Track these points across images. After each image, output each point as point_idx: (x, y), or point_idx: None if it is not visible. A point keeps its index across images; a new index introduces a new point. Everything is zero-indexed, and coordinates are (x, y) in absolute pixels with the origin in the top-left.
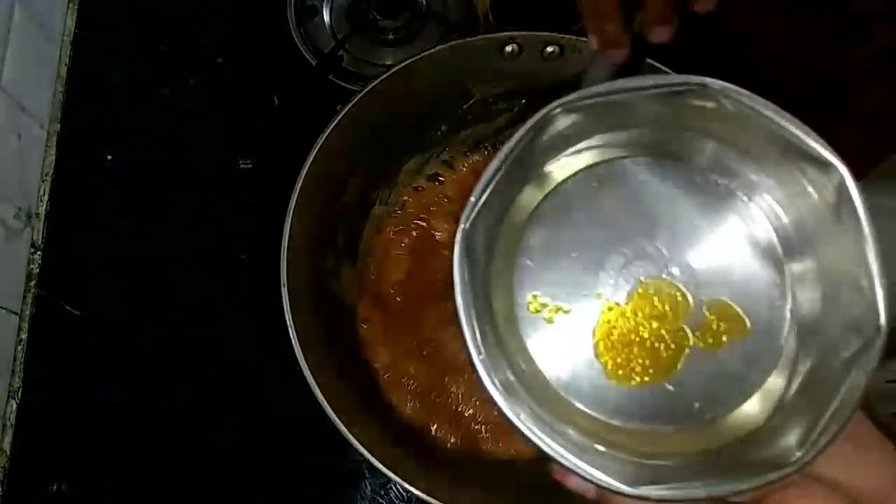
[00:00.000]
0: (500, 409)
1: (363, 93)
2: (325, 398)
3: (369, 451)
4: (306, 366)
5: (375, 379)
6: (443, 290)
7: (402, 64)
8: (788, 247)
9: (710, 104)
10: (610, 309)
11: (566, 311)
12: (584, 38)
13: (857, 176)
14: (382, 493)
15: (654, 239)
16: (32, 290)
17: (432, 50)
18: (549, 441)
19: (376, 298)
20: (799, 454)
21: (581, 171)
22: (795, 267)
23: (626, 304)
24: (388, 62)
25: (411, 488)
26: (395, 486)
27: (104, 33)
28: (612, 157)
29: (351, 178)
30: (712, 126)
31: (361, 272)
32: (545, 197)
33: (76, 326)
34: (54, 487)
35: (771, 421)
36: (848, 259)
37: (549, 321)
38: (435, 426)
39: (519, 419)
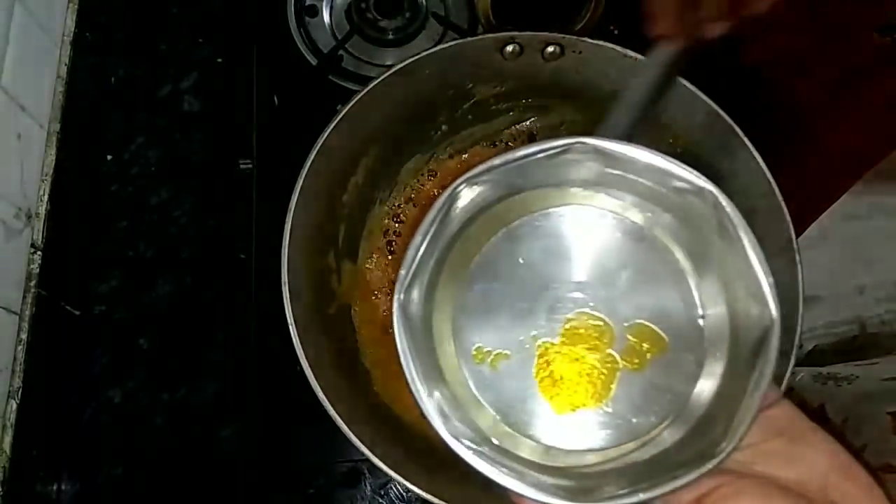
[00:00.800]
0: (442, 440)
1: (363, 93)
2: (327, 397)
3: (370, 450)
4: (307, 364)
5: (373, 378)
6: None
7: (402, 64)
8: (690, 265)
9: (592, 156)
10: (545, 348)
11: (507, 357)
12: (585, 38)
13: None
14: (382, 493)
15: (574, 279)
16: (32, 290)
17: (432, 50)
18: (502, 474)
19: (377, 297)
20: (723, 445)
21: (499, 230)
22: (699, 282)
23: (559, 341)
24: (388, 62)
25: (413, 487)
26: (396, 485)
27: (104, 33)
28: (524, 212)
29: (351, 178)
30: (603, 176)
31: (362, 272)
32: (471, 259)
33: (76, 326)
34: (54, 487)
35: (699, 422)
36: (739, 266)
37: (494, 368)
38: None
39: (465, 450)
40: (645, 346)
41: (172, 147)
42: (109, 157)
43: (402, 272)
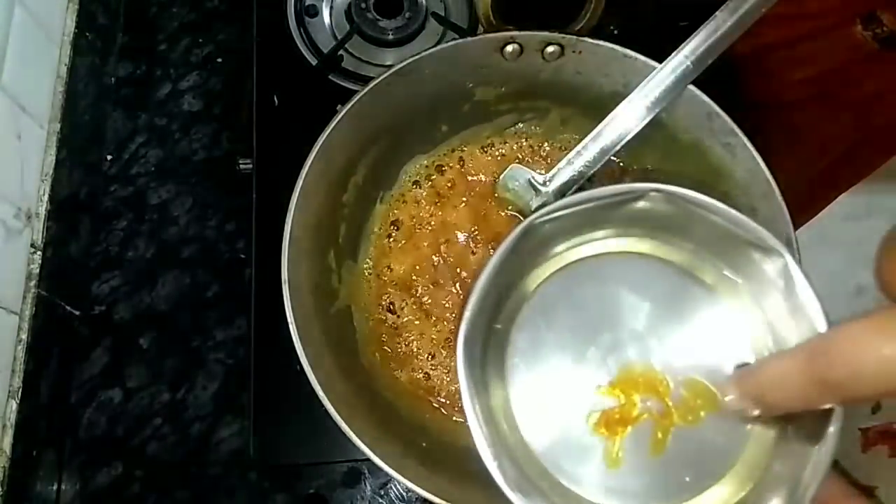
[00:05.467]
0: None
1: (363, 93)
2: (327, 397)
3: (370, 450)
4: (308, 364)
5: (373, 378)
6: (446, 283)
7: (402, 64)
8: (750, 325)
9: (663, 206)
10: (598, 397)
11: (558, 405)
12: (585, 38)
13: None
14: (382, 493)
15: (629, 327)
16: (32, 290)
17: (432, 50)
18: None
19: (377, 296)
20: None
21: (557, 271)
22: (759, 343)
23: (612, 391)
24: (388, 62)
25: (413, 486)
26: (396, 485)
27: (104, 33)
28: (585, 255)
29: (351, 178)
30: (671, 223)
31: (362, 272)
32: (528, 298)
33: (76, 326)
34: (54, 487)
35: (756, 487)
36: (802, 329)
37: (542, 415)
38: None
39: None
40: (699, 402)
41: (172, 147)
42: (109, 157)
43: (469, 310)
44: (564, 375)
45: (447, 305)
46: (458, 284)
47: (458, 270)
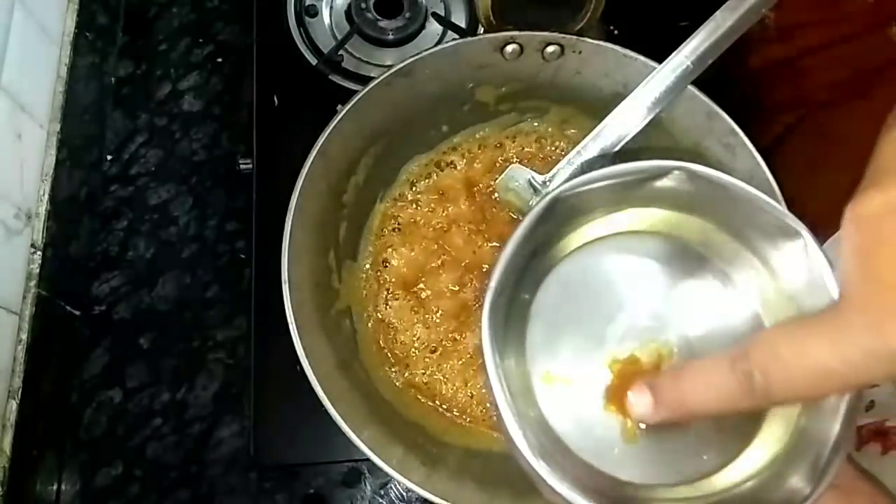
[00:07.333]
0: (529, 466)
1: (363, 93)
2: (327, 397)
3: (370, 450)
4: (308, 364)
5: (373, 378)
6: (446, 282)
7: (403, 64)
8: (769, 309)
9: (685, 184)
10: (615, 373)
11: (575, 382)
12: (585, 38)
13: None
14: (382, 493)
15: (649, 307)
16: (32, 290)
17: (432, 50)
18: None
19: (377, 296)
20: (808, 489)
21: (578, 247)
22: (776, 324)
23: (626, 368)
24: (388, 62)
25: (413, 486)
26: (396, 485)
27: (104, 33)
28: (606, 233)
29: (351, 178)
30: (692, 202)
31: (362, 271)
32: (548, 275)
33: (76, 326)
34: (54, 487)
35: (774, 464)
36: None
37: (561, 392)
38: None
39: (553, 477)
40: None
41: (172, 147)
42: (109, 157)
43: (493, 283)
44: (583, 352)
45: (447, 305)
46: (458, 284)
47: (459, 270)
